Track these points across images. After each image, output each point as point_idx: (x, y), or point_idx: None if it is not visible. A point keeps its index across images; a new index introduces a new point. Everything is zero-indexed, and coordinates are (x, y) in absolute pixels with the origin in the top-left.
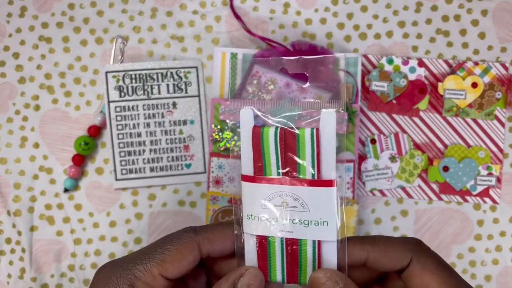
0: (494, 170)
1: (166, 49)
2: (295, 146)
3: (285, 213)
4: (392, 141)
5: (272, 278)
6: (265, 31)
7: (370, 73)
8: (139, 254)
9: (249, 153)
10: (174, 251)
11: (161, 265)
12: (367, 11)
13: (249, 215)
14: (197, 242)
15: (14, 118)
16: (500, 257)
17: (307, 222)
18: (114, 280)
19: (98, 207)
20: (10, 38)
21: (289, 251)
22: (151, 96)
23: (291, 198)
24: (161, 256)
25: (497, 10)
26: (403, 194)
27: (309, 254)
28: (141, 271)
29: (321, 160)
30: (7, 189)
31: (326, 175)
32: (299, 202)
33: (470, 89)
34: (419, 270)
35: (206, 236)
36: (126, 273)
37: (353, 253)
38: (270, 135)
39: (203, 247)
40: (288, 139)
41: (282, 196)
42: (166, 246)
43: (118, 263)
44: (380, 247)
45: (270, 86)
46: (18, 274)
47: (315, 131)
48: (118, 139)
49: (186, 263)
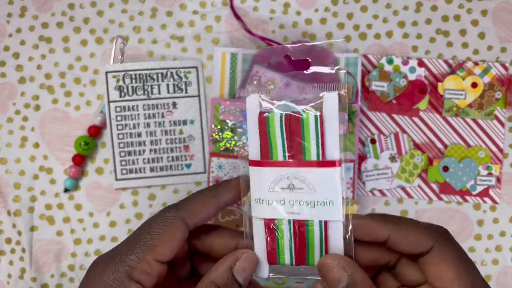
0: (494, 170)
1: (166, 49)
2: (300, 130)
3: (292, 195)
4: (392, 141)
5: (281, 261)
6: (265, 31)
7: (370, 73)
8: (127, 244)
9: (255, 138)
10: (163, 233)
11: (153, 250)
12: (367, 11)
13: (257, 199)
14: (182, 218)
15: (14, 118)
16: (500, 257)
17: (313, 203)
18: (109, 275)
19: (98, 207)
20: (10, 38)
21: (297, 233)
22: (151, 96)
23: (297, 180)
24: (151, 241)
25: (497, 10)
26: (403, 194)
27: (316, 235)
28: (135, 261)
29: (325, 142)
30: (7, 189)
31: (330, 156)
32: (305, 183)
33: (470, 89)
34: (437, 259)
35: (189, 209)
36: (120, 265)
37: (374, 230)
38: (276, 121)
39: (188, 221)
40: (293, 124)
41: (288, 178)
42: (153, 231)
43: (108, 257)
44: (402, 229)
45: (270, 86)
46: (18, 274)
47: (319, 115)
48: (118, 139)
49: (176, 242)
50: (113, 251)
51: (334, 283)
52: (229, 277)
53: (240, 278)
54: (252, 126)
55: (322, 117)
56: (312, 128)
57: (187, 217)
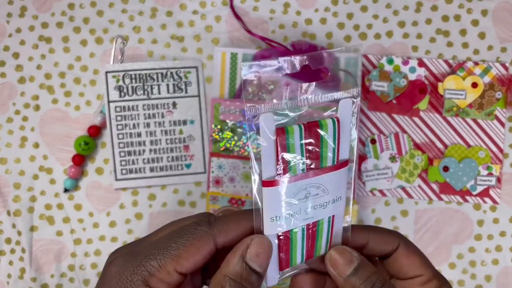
0: (494, 170)
1: (166, 49)
2: (318, 138)
3: (308, 203)
4: (392, 141)
5: (293, 263)
6: (265, 31)
7: (370, 73)
8: (152, 248)
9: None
10: (189, 246)
11: (176, 261)
12: (367, 11)
13: (272, 218)
14: (213, 236)
15: (14, 118)
16: (500, 257)
17: (325, 204)
18: (128, 277)
19: (98, 207)
20: (10, 38)
21: (310, 234)
22: (151, 96)
23: (313, 188)
24: (176, 251)
25: (497, 10)
26: (403, 194)
27: (324, 230)
28: (155, 267)
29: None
30: (7, 189)
31: (343, 157)
32: (320, 189)
33: (470, 89)
34: (406, 251)
35: (222, 228)
36: (140, 269)
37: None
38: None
39: (218, 240)
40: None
41: (306, 189)
42: (181, 241)
43: (130, 255)
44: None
45: (270, 86)
46: (18, 274)
47: (336, 120)
48: (118, 139)
49: (201, 258)
50: (136, 249)
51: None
52: (243, 267)
53: (256, 266)
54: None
55: (339, 122)
56: (331, 134)
57: (218, 235)
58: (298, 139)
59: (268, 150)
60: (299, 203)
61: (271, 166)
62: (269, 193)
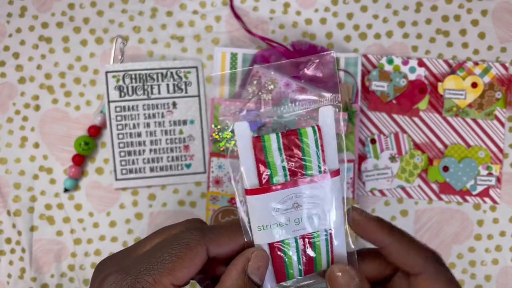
0: (494, 170)
1: (166, 49)
2: (299, 146)
3: (298, 213)
4: (392, 141)
5: (290, 277)
6: (265, 31)
7: (370, 73)
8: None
9: (251, 165)
10: (184, 257)
11: (171, 275)
12: (367, 11)
13: (260, 227)
14: (205, 245)
15: (14, 118)
16: (500, 257)
17: (317, 214)
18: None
19: (98, 207)
20: (10, 38)
21: (304, 246)
22: (151, 96)
23: (301, 197)
24: (170, 264)
25: (497, 10)
26: (403, 194)
27: (322, 243)
28: (150, 283)
29: (325, 154)
30: (7, 189)
31: (331, 166)
32: (310, 198)
33: (470, 89)
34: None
35: (214, 238)
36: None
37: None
38: (272, 142)
39: (210, 250)
40: (291, 141)
41: (292, 198)
42: (174, 252)
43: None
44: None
45: (270, 86)
46: (18, 274)
47: (317, 128)
48: (118, 139)
49: (195, 268)
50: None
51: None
52: (245, 280)
53: (257, 279)
54: (246, 154)
55: (320, 129)
56: (312, 142)
57: (211, 246)
58: (276, 147)
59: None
60: (287, 212)
61: (253, 174)
62: (253, 202)
